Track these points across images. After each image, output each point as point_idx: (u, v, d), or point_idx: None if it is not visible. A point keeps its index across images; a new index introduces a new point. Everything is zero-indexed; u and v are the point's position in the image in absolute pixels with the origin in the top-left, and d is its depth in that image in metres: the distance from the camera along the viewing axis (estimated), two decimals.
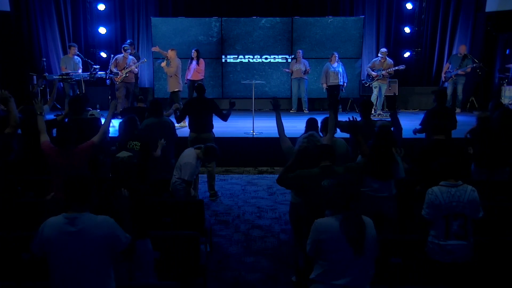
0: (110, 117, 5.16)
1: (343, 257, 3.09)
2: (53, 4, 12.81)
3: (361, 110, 6.34)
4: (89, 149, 4.75)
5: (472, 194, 3.87)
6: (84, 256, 2.99)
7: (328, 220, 3.18)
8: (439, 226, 3.87)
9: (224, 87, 12.80)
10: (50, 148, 4.70)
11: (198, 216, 5.06)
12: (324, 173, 4.03)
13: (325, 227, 3.15)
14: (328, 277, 3.13)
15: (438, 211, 3.85)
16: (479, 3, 12.56)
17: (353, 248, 3.06)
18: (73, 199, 3.05)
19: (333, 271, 3.13)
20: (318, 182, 3.96)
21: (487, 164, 5.89)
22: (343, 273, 3.10)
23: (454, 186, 3.88)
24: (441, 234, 3.86)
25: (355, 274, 3.10)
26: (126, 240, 3.12)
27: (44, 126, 4.90)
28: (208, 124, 7.20)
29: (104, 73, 10.99)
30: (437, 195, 3.86)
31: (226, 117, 7.28)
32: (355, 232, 3.07)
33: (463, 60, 11.59)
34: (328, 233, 3.12)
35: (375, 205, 4.71)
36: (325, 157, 4.12)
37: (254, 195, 7.53)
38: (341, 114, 11.43)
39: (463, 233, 3.83)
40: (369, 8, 13.10)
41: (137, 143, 5.71)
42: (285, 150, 4.96)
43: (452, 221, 3.82)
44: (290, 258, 5.35)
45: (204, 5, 13.12)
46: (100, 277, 3.06)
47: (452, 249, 3.83)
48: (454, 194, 3.85)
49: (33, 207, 4.89)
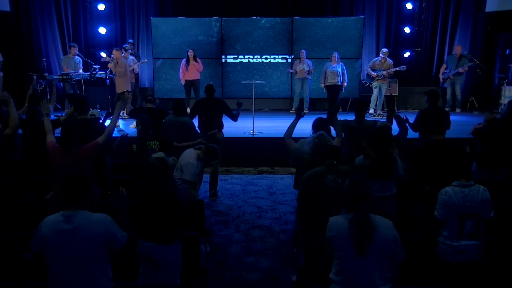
0: (116, 118, 5.16)
1: (349, 256, 3.11)
2: (53, 4, 12.81)
3: (355, 109, 6.24)
4: (93, 149, 4.76)
5: (484, 194, 3.88)
6: (80, 253, 3.00)
7: (339, 219, 3.23)
8: (452, 227, 3.86)
9: (224, 87, 12.80)
10: (55, 148, 4.70)
11: (198, 216, 5.06)
12: (329, 170, 4.12)
13: (334, 225, 3.21)
14: (341, 276, 3.17)
15: (451, 212, 3.84)
16: (479, 3, 12.56)
17: (355, 248, 3.06)
18: (71, 197, 3.07)
19: (344, 270, 3.16)
20: (322, 178, 4.06)
21: (489, 163, 5.88)
22: (353, 273, 3.12)
23: (467, 186, 3.88)
24: (454, 235, 3.85)
25: (362, 275, 3.10)
26: (122, 238, 3.12)
27: (51, 126, 4.93)
28: (218, 124, 7.24)
29: (104, 73, 10.99)
30: (451, 195, 3.85)
31: (236, 117, 7.34)
32: (358, 233, 3.08)
33: (460, 60, 11.63)
34: (336, 231, 3.17)
35: (378, 205, 4.72)
36: (331, 156, 4.22)
37: (254, 195, 7.53)
38: (340, 114, 11.44)
39: (476, 233, 3.84)
40: (369, 8, 13.10)
41: (156, 143, 5.71)
42: (295, 151, 5.01)
43: (465, 221, 3.82)
44: (290, 258, 5.36)
45: (204, 5, 13.12)
46: (96, 275, 3.06)
47: (465, 249, 3.83)
48: (467, 194, 3.84)
49: (33, 207, 4.89)
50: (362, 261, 3.08)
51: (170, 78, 12.70)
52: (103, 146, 4.91)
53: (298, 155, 4.89)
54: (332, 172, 4.12)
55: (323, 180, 4.10)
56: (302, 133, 5.96)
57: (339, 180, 4.04)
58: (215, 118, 7.19)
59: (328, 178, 4.10)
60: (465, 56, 11.76)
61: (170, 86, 12.75)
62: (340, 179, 4.03)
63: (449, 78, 11.69)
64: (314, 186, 4.14)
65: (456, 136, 7.92)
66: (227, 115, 7.29)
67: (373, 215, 3.17)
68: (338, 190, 3.95)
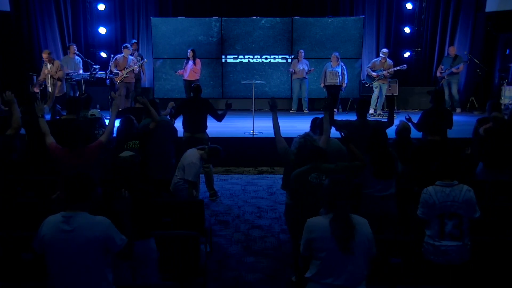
0: (114, 117, 5.16)
1: (333, 256, 3.09)
2: (53, 4, 12.81)
3: (357, 109, 6.26)
4: (98, 148, 4.76)
5: (467, 194, 3.85)
6: (78, 255, 2.99)
7: (319, 219, 3.20)
8: (434, 226, 3.86)
9: (224, 87, 12.80)
10: (58, 149, 4.67)
11: (198, 216, 5.05)
12: (314, 168, 4.17)
13: (315, 225, 3.17)
14: (321, 276, 3.14)
15: (432, 211, 3.84)
16: (479, 3, 12.57)
17: (339, 247, 3.06)
18: (72, 198, 3.06)
19: (325, 270, 3.13)
20: (307, 177, 4.11)
21: (496, 164, 5.88)
22: (334, 272, 3.10)
23: (449, 186, 3.87)
24: (436, 234, 3.85)
25: (346, 273, 3.09)
26: (121, 242, 3.09)
27: (47, 128, 4.86)
28: (202, 124, 7.16)
29: (104, 73, 10.99)
30: (431, 194, 3.86)
31: (221, 118, 7.22)
32: (342, 232, 3.07)
33: (454, 61, 11.69)
34: (318, 232, 3.13)
35: (379, 205, 4.72)
36: (315, 158, 4.26)
37: (254, 195, 7.53)
38: (340, 114, 11.49)
39: (458, 234, 3.80)
40: (369, 8, 13.11)
41: (136, 142, 5.69)
42: (281, 151, 4.96)
43: (446, 221, 3.81)
44: (290, 258, 5.35)
45: (204, 5, 13.13)
46: (95, 277, 3.04)
47: (447, 250, 3.80)
48: (448, 193, 3.83)
49: (33, 207, 4.89)
50: (345, 259, 3.07)
51: (170, 78, 12.70)
52: (107, 145, 4.91)
53: (285, 155, 4.90)
54: (317, 170, 4.17)
55: (307, 178, 4.14)
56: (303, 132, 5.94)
57: (323, 177, 4.04)
58: (200, 118, 7.10)
59: (312, 176, 4.14)
60: (460, 56, 11.79)
61: (170, 86, 12.75)
62: (325, 176, 4.04)
63: (444, 78, 11.75)
64: (299, 184, 4.18)
65: (456, 136, 7.91)
66: (211, 115, 7.18)
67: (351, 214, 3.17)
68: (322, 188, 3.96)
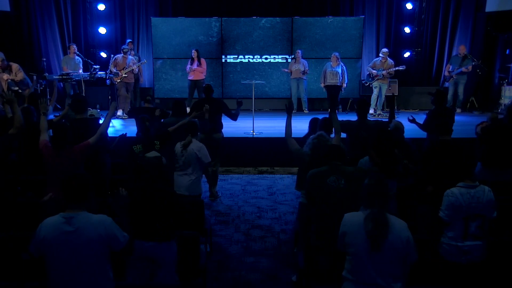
0: (109, 118, 5.16)
1: (362, 252, 3.12)
2: (53, 4, 12.80)
3: (357, 109, 6.22)
4: (84, 149, 4.77)
5: (489, 195, 3.87)
6: (81, 255, 2.99)
7: (355, 214, 3.26)
8: (457, 228, 3.85)
9: (224, 87, 12.79)
10: (47, 147, 4.73)
11: (198, 216, 5.05)
12: (332, 170, 4.07)
13: (349, 220, 3.24)
14: (352, 273, 3.18)
15: (458, 213, 3.83)
16: (479, 3, 12.56)
17: (369, 242, 3.09)
18: (70, 198, 3.06)
19: (355, 266, 3.17)
20: (325, 179, 4.04)
21: (497, 163, 5.87)
22: (364, 270, 3.13)
23: (473, 187, 3.86)
24: (459, 236, 3.85)
25: (376, 272, 3.11)
26: (124, 239, 3.12)
27: (46, 125, 4.93)
28: (218, 124, 7.24)
29: (104, 73, 10.99)
30: (457, 197, 3.83)
31: (235, 117, 7.31)
32: (373, 227, 3.10)
33: (463, 60, 11.61)
34: (350, 226, 3.20)
35: None
36: (335, 156, 4.16)
37: (254, 195, 7.52)
38: (340, 114, 11.47)
39: (481, 234, 3.84)
40: (369, 8, 13.09)
41: (157, 142, 5.69)
42: (295, 152, 4.94)
43: (471, 222, 3.82)
44: (290, 258, 5.35)
45: (204, 5, 13.11)
46: (97, 276, 3.06)
47: (470, 249, 3.83)
48: (473, 195, 3.83)
49: (33, 207, 4.88)
50: (375, 257, 3.10)
51: (170, 78, 12.70)
52: (94, 146, 4.90)
53: (299, 156, 4.88)
54: (335, 172, 4.05)
55: (326, 181, 4.05)
56: (303, 133, 5.95)
57: (342, 181, 3.98)
58: (214, 118, 7.17)
59: (330, 179, 4.04)
60: (469, 56, 11.75)
61: (170, 86, 12.75)
62: (343, 180, 3.98)
63: (452, 78, 11.69)
64: (316, 185, 4.09)
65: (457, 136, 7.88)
66: (226, 114, 7.27)
67: (389, 214, 3.19)
68: (340, 191, 3.94)
